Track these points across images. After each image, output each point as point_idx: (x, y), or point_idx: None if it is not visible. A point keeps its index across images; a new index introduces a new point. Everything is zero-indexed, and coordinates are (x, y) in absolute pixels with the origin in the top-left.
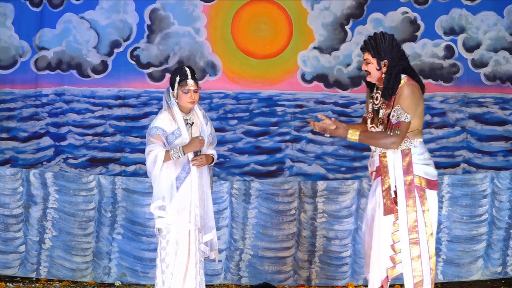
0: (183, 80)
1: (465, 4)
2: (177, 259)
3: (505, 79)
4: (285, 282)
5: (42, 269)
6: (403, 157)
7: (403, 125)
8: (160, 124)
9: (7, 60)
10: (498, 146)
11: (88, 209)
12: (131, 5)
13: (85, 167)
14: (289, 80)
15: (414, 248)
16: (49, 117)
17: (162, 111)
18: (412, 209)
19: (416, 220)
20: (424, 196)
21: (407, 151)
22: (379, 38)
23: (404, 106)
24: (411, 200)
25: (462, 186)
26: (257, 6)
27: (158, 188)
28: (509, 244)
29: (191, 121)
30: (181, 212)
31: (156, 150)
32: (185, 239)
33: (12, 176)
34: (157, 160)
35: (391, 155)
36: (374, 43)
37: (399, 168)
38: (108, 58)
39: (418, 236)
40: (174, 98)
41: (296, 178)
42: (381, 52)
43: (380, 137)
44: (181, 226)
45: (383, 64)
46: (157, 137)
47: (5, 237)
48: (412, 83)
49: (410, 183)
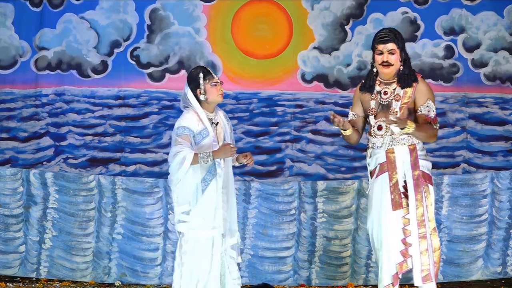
0: (208, 74)
1: (465, 4)
2: (199, 264)
3: (505, 79)
4: (285, 282)
5: (42, 269)
6: (410, 152)
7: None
8: (187, 124)
9: (7, 60)
10: (498, 146)
11: (88, 209)
12: (131, 5)
13: (85, 167)
14: (289, 80)
15: (423, 242)
16: (49, 117)
17: (188, 110)
18: (420, 203)
19: (423, 215)
20: (428, 190)
21: (413, 147)
22: (397, 31)
23: (433, 101)
24: (419, 195)
25: (462, 186)
26: (257, 6)
27: (182, 191)
28: (509, 244)
29: (215, 121)
30: (206, 217)
31: (185, 152)
32: (208, 244)
33: (12, 176)
34: (184, 162)
35: (399, 151)
36: (398, 35)
37: (407, 163)
38: (108, 58)
39: (425, 230)
40: (203, 95)
41: (296, 178)
42: (403, 44)
43: (429, 130)
44: (204, 231)
45: (403, 57)
46: (184, 138)
47: (5, 237)
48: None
49: (418, 177)
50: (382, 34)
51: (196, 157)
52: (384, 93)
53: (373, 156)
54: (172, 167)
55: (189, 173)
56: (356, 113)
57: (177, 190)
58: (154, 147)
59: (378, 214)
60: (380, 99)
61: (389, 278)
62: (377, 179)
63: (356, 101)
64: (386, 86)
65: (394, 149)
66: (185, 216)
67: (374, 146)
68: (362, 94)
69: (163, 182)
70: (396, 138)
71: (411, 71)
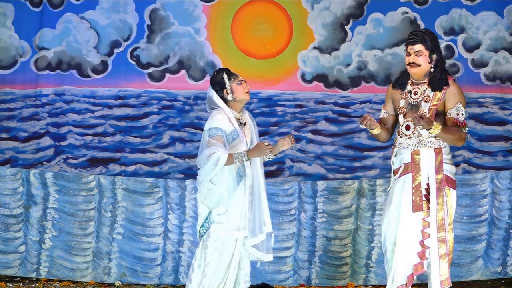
0: (232, 74)
1: (465, 4)
2: (223, 265)
3: (505, 79)
4: (285, 282)
5: (42, 269)
6: (436, 155)
7: (465, 122)
8: (219, 125)
9: (7, 60)
10: (498, 146)
11: (88, 209)
12: (131, 5)
13: (85, 167)
14: (289, 80)
15: (442, 246)
16: (49, 117)
17: (217, 111)
18: (441, 207)
19: (443, 219)
20: (450, 195)
21: (439, 150)
22: (429, 33)
23: (463, 104)
24: (440, 199)
25: (462, 186)
26: (257, 6)
27: (217, 193)
28: (509, 244)
29: (243, 121)
30: (232, 217)
31: (219, 153)
32: (232, 245)
33: (12, 176)
34: (218, 163)
35: (425, 153)
36: (427, 37)
37: (431, 166)
38: (108, 58)
39: (445, 235)
40: (231, 94)
41: (296, 178)
42: (433, 46)
43: (456, 133)
44: (230, 231)
45: (434, 58)
46: (217, 139)
47: (5, 237)
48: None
49: (441, 181)
50: (412, 35)
51: (230, 158)
52: (414, 93)
53: (398, 155)
54: (206, 168)
55: (225, 174)
56: (387, 111)
57: (208, 191)
58: (154, 147)
59: (397, 213)
60: (410, 99)
61: (404, 279)
62: (400, 179)
63: (388, 99)
64: (417, 86)
65: (420, 151)
66: (221, 217)
67: (401, 146)
68: (393, 91)
69: (163, 182)
70: (422, 140)
71: (443, 75)
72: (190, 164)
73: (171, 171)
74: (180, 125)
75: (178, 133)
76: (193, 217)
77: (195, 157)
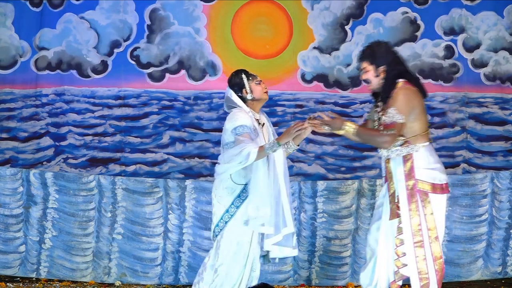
0: (250, 74)
1: (465, 4)
2: (233, 265)
3: (505, 79)
4: (285, 282)
5: (42, 269)
6: (404, 162)
7: (396, 125)
8: (244, 122)
9: (7, 60)
10: (498, 146)
11: (88, 209)
12: (131, 5)
13: (85, 167)
14: (289, 80)
15: (419, 250)
16: (49, 117)
17: (239, 110)
18: (415, 213)
19: (419, 224)
20: (427, 200)
21: (409, 157)
22: (374, 45)
23: (398, 108)
24: (413, 204)
25: (462, 186)
26: (257, 6)
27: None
28: (509, 244)
29: (262, 122)
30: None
31: (249, 148)
32: (246, 245)
33: (12, 176)
34: (249, 158)
35: (394, 161)
36: (370, 51)
37: (400, 173)
38: (108, 58)
39: (422, 239)
40: (250, 94)
41: (296, 178)
42: (378, 58)
43: (374, 134)
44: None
45: (381, 70)
46: (245, 136)
47: (5, 237)
48: (407, 87)
49: (412, 187)
50: (359, 53)
51: (262, 150)
52: (376, 106)
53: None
54: (234, 161)
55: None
56: (370, 115)
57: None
58: (154, 147)
59: (378, 220)
60: (377, 113)
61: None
62: (383, 187)
63: (372, 110)
64: (379, 100)
65: (390, 160)
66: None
67: (381, 156)
68: (373, 105)
69: (163, 182)
70: (392, 150)
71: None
72: (190, 164)
73: (171, 171)
74: (180, 125)
75: (178, 133)
76: (193, 217)
77: (195, 157)
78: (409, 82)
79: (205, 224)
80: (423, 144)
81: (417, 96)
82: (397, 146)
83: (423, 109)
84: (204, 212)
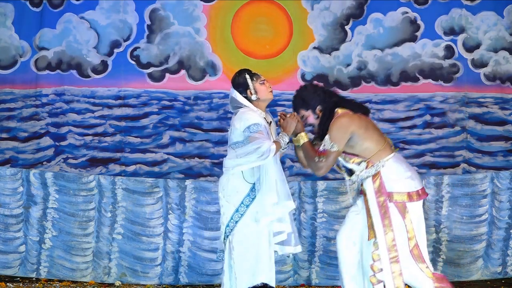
0: (254, 74)
1: (465, 4)
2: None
3: (505, 79)
4: (285, 282)
5: (42, 269)
6: (373, 181)
7: (328, 153)
8: (257, 120)
9: (7, 60)
10: (498, 146)
11: (88, 209)
12: (131, 5)
13: (85, 167)
14: (289, 80)
15: (395, 266)
16: (49, 117)
17: (247, 110)
18: (388, 228)
19: (394, 239)
20: (405, 210)
21: (376, 174)
22: (301, 92)
23: (331, 137)
24: (386, 220)
25: (462, 186)
26: (257, 6)
27: (270, 184)
28: (509, 244)
29: (268, 120)
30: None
31: (268, 144)
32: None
33: (12, 176)
34: (270, 153)
35: (365, 183)
36: (300, 100)
37: (371, 192)
38: (108, 58)
39: (397, 254)
40: (255, 95)
41: (296, 178)
42: (310, 102)
43: (313, 157)
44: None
45: (318, 111)
46: (261, 133)
47: (5, 237)
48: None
49: (384, 203)
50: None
51: (278, 144)
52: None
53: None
54: (251, 158)
55: (272, 168)
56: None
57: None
58: (154, 147)
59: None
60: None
61: None
62: (360, 199)
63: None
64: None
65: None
66: (273, 208)
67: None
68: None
69: (163, 182)
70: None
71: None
72: (190, 164)
73: (171, 171)
74: (180, 125)
75: (178, 133)
76: (193, 217)
77: (195, 157)
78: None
79: (205, 224)
80: (386, 158)
81: (355, 120)
82: (363, 170)
83: (370, 126)
84: (204, 212)
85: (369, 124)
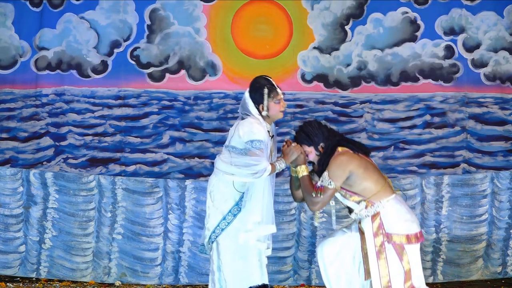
0: (273, 90)
1: (465, 4)
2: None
3: (505, 79)
4: (285, 282)
5: (42, 269)
6: (372, 222)
7: (325, 190)
8: (262, 137)
9: (7, 60)
10: (498, 146)
11: (88, 209)
12: (131, 5)
13: (85, 167)
14: (289, 80)
15: None
16: (49, 117)
17: (255, 121)
18: (384, 270)
19: (389, 281)
20: (403, 252)
21: (375, 215)
22: (305, 127)
23: (329, 174)
24: (382, 261)
25: (462, 186)
26: (257, 6)
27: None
28: (509, 244)
29: (271, 134)
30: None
31: (264, 164)
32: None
33: (12, 176)
34: (264, 173)
35: (363, 221)
36: (303, 135)
37: (369, 232)
38: (108, 58)
39: None
40: (266, 112)
41: None
42: (313, 138)
43: (310, 192)
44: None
45: (320, 147)
46: (261, 151)
47: (5, 237)
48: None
49: (381, 245)
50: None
51: (273, 167)
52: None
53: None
54: (246, 172)
55: (263, 186)
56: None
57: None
58: (154, 147)
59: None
60: None
61: None
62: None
63: None
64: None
65: (361, 221)
66: (254, 226)
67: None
68: None
69: (163, 182)
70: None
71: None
72: (190, 164)
73: (171, 171)
74: (180, 125)
75: (178, 133)
76: (193, 217)
77: (195, 157)
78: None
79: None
80: (387, 199)
81: (355, 159)
82: (362, 209)
83: (370, 166)
84: (204, 212)
85: (369, 164)
